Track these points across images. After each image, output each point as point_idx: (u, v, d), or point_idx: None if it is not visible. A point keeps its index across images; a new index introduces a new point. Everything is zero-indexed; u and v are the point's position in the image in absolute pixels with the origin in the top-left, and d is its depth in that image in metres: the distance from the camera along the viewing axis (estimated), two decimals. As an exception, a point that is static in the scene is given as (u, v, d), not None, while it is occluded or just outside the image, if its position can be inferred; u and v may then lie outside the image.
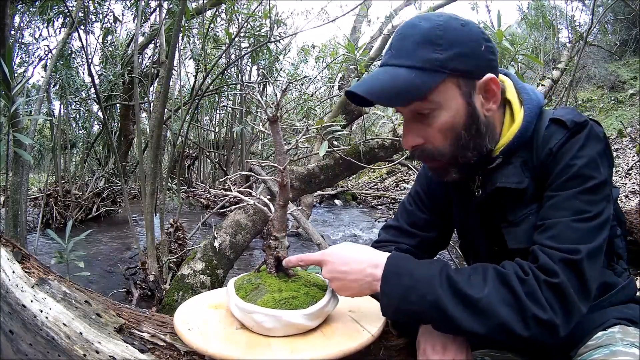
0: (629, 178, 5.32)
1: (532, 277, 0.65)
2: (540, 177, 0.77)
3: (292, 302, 0.73)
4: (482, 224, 0.88)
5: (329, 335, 0.73)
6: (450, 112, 0.75)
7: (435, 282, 0.67)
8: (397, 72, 0.73)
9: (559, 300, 0.64)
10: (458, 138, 0.76)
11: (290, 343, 0.70)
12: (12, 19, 3.96)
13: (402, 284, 0.69)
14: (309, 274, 0.85)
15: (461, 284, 0.66)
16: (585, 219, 0.69)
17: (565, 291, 0.64)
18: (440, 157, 0.78)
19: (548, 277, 0.65)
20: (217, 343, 0.69)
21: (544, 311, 0.63)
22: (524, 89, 0.84)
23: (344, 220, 5.90)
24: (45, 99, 4.50)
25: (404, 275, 0.69)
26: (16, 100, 1.88)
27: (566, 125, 0.75)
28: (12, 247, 0.79)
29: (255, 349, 0.68)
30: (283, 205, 0.81)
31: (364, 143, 3.16)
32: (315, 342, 0.70)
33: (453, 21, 0.74)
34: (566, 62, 4.27)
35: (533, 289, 0.64)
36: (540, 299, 0.64)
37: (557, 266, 0.65)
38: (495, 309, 0.64)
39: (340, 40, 6.97)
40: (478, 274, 0.68)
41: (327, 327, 0.76)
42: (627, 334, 0.73)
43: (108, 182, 5.69)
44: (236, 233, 2.56)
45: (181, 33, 3.50)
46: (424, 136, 0.77)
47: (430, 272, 0.69)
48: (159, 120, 2.50)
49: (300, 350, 0.68)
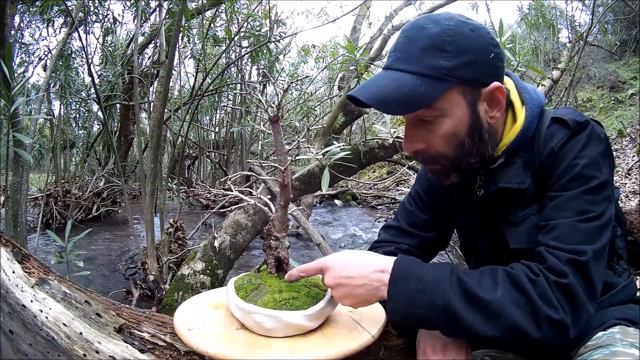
0: (629, 178, 5.32)
1: (542, 278, 0.65)
2: (542, 176, 0.77)
3: (293, 303, 0.73)
4: (482, 224, 0.87)
5: (329, 336, 0.73)
6: (454, 120, 0.74)
7: (446, 285, 0.66)
8: (403, 78, 0.71)
9: (569, 301, 0.64)
10: (461, 145, 0.76)
11: (291, 344, 0.70)
12: (12, 19, 3.96)
13: (411, 288, 0.67)
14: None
15: (472, 286, 0.65)
16: (589, 219, 0.68)
17: (575, 292, 0.64)
18: (442, 161, 0.78)
19: (558, 278, 0.64)
20: (217, 343, 0.69)
21: (556, 312, 0.63)
22: (525, 88, 0.84)
23: (344, 220, 5.90)
24: (45, 99, 4.50)
25: (412, 279, 0.67)
26: (16, 100, 1.88)
27: (568, 125, 0.75)
28: (12, 247, 0.79)
29: (255, 350, 0.68)
30: (284, 206, 0.81)
31: (364, 143, 3.17)
32: (316, 343, 0.70)
33: (463, 26, 0.72)
34: (566, 62, 4.27)
35: (544, 290, 0.64)
36: (552, 300, 0.63)
37: (565, 267, 0.65)
38: (508, 311, 0.63)
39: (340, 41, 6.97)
40: (488, 276, 0.67)
41: (328, 327, 0.76)
42: (627, 335, 0.73)
43: (108, 182, 5.68)
44: (236, 233, 2.56)
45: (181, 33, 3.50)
46: (426, 142, 0.77)
47: (440, 275, 0.67)
48: (159, 120, 2.51)
49: (300, 350, 0.68)
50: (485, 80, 0.74)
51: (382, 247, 1.01)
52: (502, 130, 0.81)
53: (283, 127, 0.89)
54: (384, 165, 8.88)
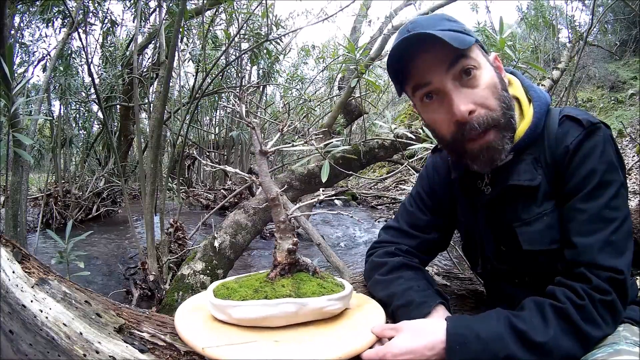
0: (629, 178, 5.32)
1: (588, 301, 0.69)
2: (555, 174, 0.78)
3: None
4: (490, 224, 0.87)
5: (335, 336, 0.73)
6: (488, 72, 0.78)
7: (504, 338, 0.68)
8: (436, 31, 0.75)
9: (612, 315, 0.71)
10: (502, 98, 0.78)
11: (294, 342, 0.70)
12: (12, 19, 3.96)
13: (471, 350, 0.68)
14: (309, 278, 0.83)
15: (527, 332, 0.68)
16: (618, 228, 0.73)
17: (617, 306, 0.71)
18: (493, 122, 0.77)
19: (603, 296, 0.70)
20: (217, 343, 0.68)
21: (601, 330, 0.69)
22: (532, 87, 0.85)
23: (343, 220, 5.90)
24: (45, 99, 4.50)
25: (471, 342, 0.69)
26: (16, 100, 1.88)
27: (581, 123, 0.76)
28: (12, 247, 0.79)
29: (257, 348, 0.67)
30: (283, 221, 0.81)
31: (364, 143, 3.16)
32: (322, 342, 0.70)
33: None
34: (566, 62, 4.27)
35: (590, 313, 0.69)
36: (596, 319, 0.69)
37: (606, 285, 0.70)
38: (560, 345, 0.67)
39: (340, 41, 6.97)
40: (536, 314, 0.70)
41: (332, 327, 0.76)
42: (631, 333, 0.73)
43: (108, 182, 5.68)
44: (236, 233, 2.56)
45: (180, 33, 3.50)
46: (473, 100, 0.77)
47: (495, 329, 0.69)
48: (159, 121, 2.50)
49: (304, 350, 0.67)
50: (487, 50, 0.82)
51: (382, 247, 1.01)
52: None
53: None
54: (384, 165, 8.88)
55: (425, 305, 0.80)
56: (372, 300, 0.89)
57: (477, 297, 1.14)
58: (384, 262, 0.95)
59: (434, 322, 0.75)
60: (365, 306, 0.86)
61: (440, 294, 0.85)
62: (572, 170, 0.75)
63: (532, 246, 0.78)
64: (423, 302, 0.81)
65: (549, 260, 0.78)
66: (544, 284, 0.76)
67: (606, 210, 0.73)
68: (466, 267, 2.38)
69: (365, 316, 0.80)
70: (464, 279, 1.24)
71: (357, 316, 0.80)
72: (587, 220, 0.73)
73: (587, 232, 0.73)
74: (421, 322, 0.76)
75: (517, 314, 0.71)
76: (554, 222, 0.78)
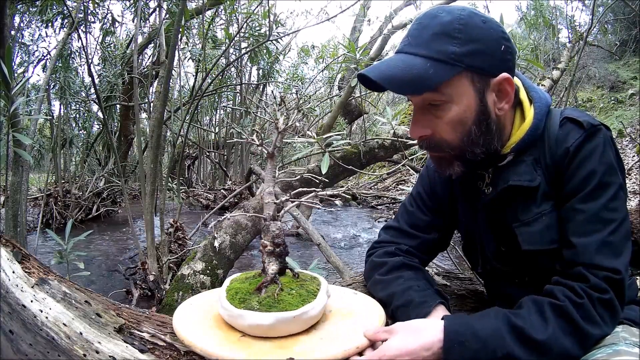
0: (629, 178, 5.32)
1: (586, 299, 0.69)
2: (555, 176, 0.78)
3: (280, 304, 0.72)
4: (490, 224, 0.87)
5: (329, 337, 0.73)
6: (461, 107, 0.75)
7: (503, 336, 0.68)
8: (413, 60, 0.73)
9: (610, 314, 0.70)
10: (468, 133, 0.76)
11: (289, 344, 0.70)
12: (12, 19, 3.96)
13: (470, 349, 0.68)
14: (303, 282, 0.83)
15: (526, 330, 0.68)
16: (616, 229, 0.73)
17: (615, 305, 0.71)
18: (447, 149, 0.78)
19: (601, 295, 0.70)
20: (216, 343, 0.68)
21: (600, 329, 0.69)
22: (533, 87, 0.85)
23: (344, 220, 5.90)
24: (45, 99, 4.50)
25: (469, 340, 0.68)
26: (16, 100, 1.88)
27: (582, 125, 0.76)
28: (12, 247, 0.79)
29: (254, 350, 0.67)
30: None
31: (364, 143, 3.17)
32: (316, 344, 0.70)
33: (475, 17, 0.74)
34: (566, 62, 4.28)
35: (589, 311, 0.69)
36: (595, 317, 0.69)
37: (604, 284, 0.70)
38: (559, 344, 0.67)
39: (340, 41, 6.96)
40: (535, 312, 0.70)
41: (327, 328, 0.76)
42: (630, 334, 0.73)
43: (108, 182, 5.69)
44: (236, 233, 2.56)
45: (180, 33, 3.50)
46: (432, 128, 0.77)
47: (494, 327, 0.69)
48: (159, 120, 2.50)
49: (299, 351, 0.67)
50: (494, 70, 0.75)
51: (382, 247, 1.01)
52: (510, 127, 0.81)
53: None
54: (384, 165, 8.88)
55: (425, 305, 0.80)
56: (372, 300, 0.89)
57: (477, 297, 1.14)
58: (383, 262, 0.95)
59: (431, 321, 0.75)
60: (356, 309, 0.83)
61: (440, 294, 0.84)
62: (571, 171, 0.75)
63: (531, 246, 0.79)
64: (423, 301, 0.81)
65: (548, 260, 0.79)
66: (544, 283, 0.76)
67: (604, 211, 0.73)
68: (466, 267, 2.38)
69: (354, 321, 0.78)
70: (464, 279, 1.24)
71: (344, 321, 0.78)
72: (586, 220, 0.73)
73: (586, 233, 0.73)
74: (417, 322, 0.75)
75: (516, 312, 0.71)
76: (553, 222, 0.78)
